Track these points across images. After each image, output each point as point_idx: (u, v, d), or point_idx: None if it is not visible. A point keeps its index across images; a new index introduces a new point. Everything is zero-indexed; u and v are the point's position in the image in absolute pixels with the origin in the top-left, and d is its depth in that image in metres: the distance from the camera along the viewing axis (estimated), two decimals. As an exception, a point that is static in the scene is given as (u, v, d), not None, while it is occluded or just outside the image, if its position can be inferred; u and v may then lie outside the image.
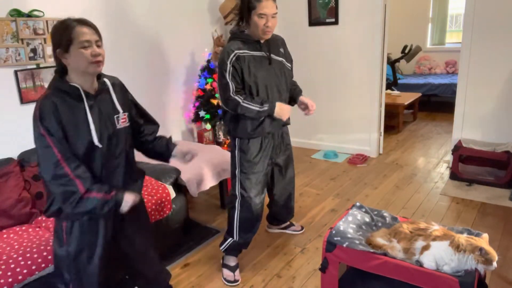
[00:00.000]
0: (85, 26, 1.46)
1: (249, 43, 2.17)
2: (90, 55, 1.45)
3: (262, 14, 2.07)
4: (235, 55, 2.11)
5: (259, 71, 2.17)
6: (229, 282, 2.35)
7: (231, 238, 2.39)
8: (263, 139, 2.30)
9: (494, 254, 1.47)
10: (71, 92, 1.48)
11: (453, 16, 7.09)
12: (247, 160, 2.28)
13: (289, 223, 2.87)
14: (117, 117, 1.60)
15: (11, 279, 1.80)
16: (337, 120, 4.51)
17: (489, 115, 3.57)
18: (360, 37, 4.10)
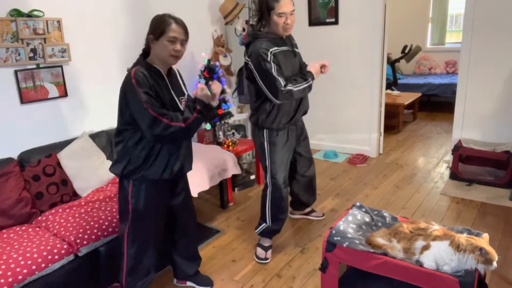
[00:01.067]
0: (179, 25, 1.79)
1: (274, 40, 2.32)
2: (172, 49, 1.78)
3: (281, 13, 2.23)
4: (271, 52, 2.26)
5: (290, 64, 2.37)
6: (260, 259, 2.55)
7: (265, 223, 2.56)
8: (289, 131, 2.48)
9: (494, 254, 1.47)
10: (154, 71, 1.81)
11: (453, 16, 7.09)
12: (276, 151, 2.44)
13: (311, 209, 3.02)
14: (181, 98, 1.92)
15: (11, 279, 1.80)
16: (337, 120, 4.51)
17: (489, 115, 3.57)
18: (360, 37, 4.10)
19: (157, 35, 1.77)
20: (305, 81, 2.33)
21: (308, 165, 2.76)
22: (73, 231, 2.13)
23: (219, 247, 2.74)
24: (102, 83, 3.16)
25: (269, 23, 2.29)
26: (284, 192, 2.53)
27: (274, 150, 2.44)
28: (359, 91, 4.26)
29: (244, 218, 3.14)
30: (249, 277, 2.41)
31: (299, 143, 2.65)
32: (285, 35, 2.35)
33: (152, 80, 1.77)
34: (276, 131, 2.42)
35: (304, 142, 2.70)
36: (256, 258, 2.57)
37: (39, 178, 2.45)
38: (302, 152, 2.69)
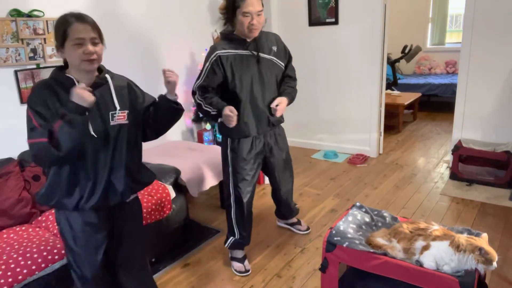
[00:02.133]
0: (82, 22, 1.47)
1: (235, 42, 2.19)
2: (82, 53, 1.44)
3: (246, 12, 2.08)
4: (216, 55, 2.15)
5: (244, 70, 2.19)
6: (241, 272, 2.42)
7: (232, 236, 2.47)
8: (254, 139, 2.32)
9: (494, 254, 1.47)
10: (65, 83, 1.48)
11: (453, 16, 7.09)
12: (238, 159, 2.32)
13: (296, 220, 2.90)
14: (113, 113, 1.56)
15: (11, 279, 1.80)
16: (337, 120, 4.51)
17: (489, 115, 3.57)
18: (360, 37, 4.10)
19: (60, 41, 1.45)
20: (215, 109, 2.17)
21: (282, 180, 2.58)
22: (73, 231, 2.12)
23: (219, 247, 2.74)
24: (102, 83, 3.15)
25: (235, 23, 2.16)
26: (248, 203, 2.41)
27: (236, 159, 2.32)
28: (359, 91, 4.26)
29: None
30: (249, 277, 2.41)
31: (272, 155, 2.46)
32: (251, 37, 2.19)
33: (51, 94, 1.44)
34: (238, 139, 2.29)
35: (280, 154, 2.49)
36: (236, 272, 2.43)
37: (39, 178, 2.45)
38: (275, 165, 2.50)
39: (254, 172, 2.39)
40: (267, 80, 2.27)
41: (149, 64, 3.54)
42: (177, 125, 3.89)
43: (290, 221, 2.89)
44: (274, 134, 2.44)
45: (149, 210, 2.39)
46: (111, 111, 1.56)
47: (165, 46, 3.67)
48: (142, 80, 3.48)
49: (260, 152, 2.38)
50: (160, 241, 2.59)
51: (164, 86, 1.68)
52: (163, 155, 3.15)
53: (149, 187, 2.51)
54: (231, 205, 2.41)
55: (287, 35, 4.50)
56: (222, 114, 2.15)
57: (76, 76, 1.50)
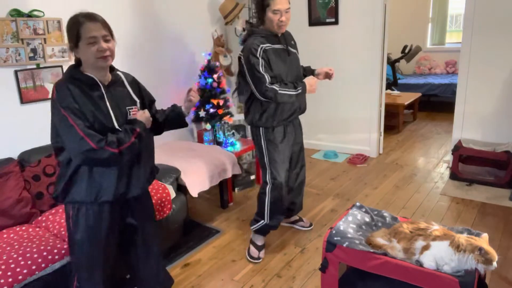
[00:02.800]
0: (93, 21, 1.52)
1: (268, 37, 2.32)
2: (96, 51, 1.51)
3: (276, 10, 2.23)
4: (262, 48, 2.26)
5: (281, 62, 2.34)
6: (253, 258, 2.55)
7: (263, 220, 2.54)
8: (285, 127, 2.47)
9: (494, 254, 1.47)
10: (85, 81, 1.55)
11: (453, 16, 7.09)
12: (274, 148, 2.44)
13: (298, 217, 2.94)
14: (130, 109, 1.66)
15: (11, 279, 1.80)
16: (337, 120, 4.51)
17: (489, 115, 3.57)
18: (360, 37, 4.10)
19: (75, 42, 1.51)
20: (294, 89, 2.31)
21: (299, 165, 2.71)
22: (73, 231, 2.13)
23: (219, 247, 2.74)
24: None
25: (265, 20, 2.30)
26: (285, 190, 2.52)
27: (272, 147, 2.43)
28: (359, 91, 4.26)
29: (244, 218, 3.14)
30: (249, 277, 2.41)
31: (295, 144, 2.62)
32: (280, 33, 2.35)
33: (79, 92, 1.51)
34: (272, 128, 2.42)
35: (300, 140, 2.67)
36: (249, 257, 2.56)
37: (39, 178, 2.45)
38: (296, 151, 2.66)
39: (289, 157, 2.53)
40: (296, 70, 2.46)
41: (149, 64, 3.54)
42: (177, 125, 3.90)
43: (292, 218, 2.92)
44: (299, 123, 2.63)
45: (149, 210, 2.39)
46: (128, 106, 1.66)
47: (165, 46, 3.67)
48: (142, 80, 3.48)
49: (291, 140, 2.53)
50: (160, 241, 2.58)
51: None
52: (163, 155, 3.15)
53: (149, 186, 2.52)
54: (265, 192, 2.50)
55: (287, 35, 4.51)
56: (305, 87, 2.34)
57: (92, 74, 1.57)
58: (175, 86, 3.82)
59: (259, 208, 2.56)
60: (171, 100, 3.77)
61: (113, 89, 1.63)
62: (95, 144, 1.47)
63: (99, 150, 1.47)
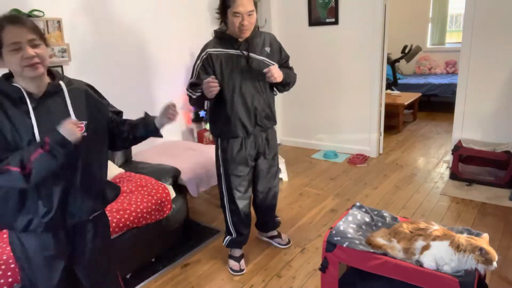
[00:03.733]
0: (17, 25, 1.29)
1: (226, 41, 2.17)
2: (21, 58, 1.28)
3: (237, 12, 2.05)
4: (207, 53, 2.16)
5: (233, 70, 2.17)
6: (235, 271, 2.45)
7: (229, 235, 2.49)
8: (244, 140, 2.29)
9: (494, 254, 1.47)
10: (11, 93, 1.33)
11: (453, 16, 7.10)
12: (229, 160, 2.30)
13: (276, 233, 2.76)
14: None
15: (11, 279, 1.80)
16: (337, 120, 4.51)
17: (489, 115, 3.57)
18: (360, 37, 4.10)
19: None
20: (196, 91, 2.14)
21: (267, 185, 2.49)
22: (73, 231, 2.12)
23: (219, 247, 2.74)
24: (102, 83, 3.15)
25: (226, 23, 2.14)
26: (243, 203, 2.39)
27: (225, 158, 2.29)
28: (359, 91, 4.26)
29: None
30: (249, 277, 2.41)
31: (262, 159, 2.40)
32: (242, 37, 2.15)
33: None
34: (227, 139, 2.27)
35: (267, 160, 2.43)
36: (231, 270, 2.45)
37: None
38: (263, 170, 2.43)
39: (247, 172, 2.35)
40: (257, 80, 2.23)
41: (149, 64, 3.54)
42: (177, 125, 3.90)
43: (269, 233, 2.76)
44: (267, 137, 2.38)
45: (149, 210, 2.39)
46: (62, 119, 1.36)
47: (165, 46, 3.67)
48: (142, 80, 3.49)
49: (251, 154, 2.33)
50: (160, 241, 2.59)
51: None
52: (163, 155, 3.15)
53: (149, 187, 2.52)
54: (225, 205, 2.43)
55: (287, 35, 4.51)
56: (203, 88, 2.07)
57: (24, 85, 1.34)
58: (175, 86, 3.82)
59: (225, 223, 2.49)
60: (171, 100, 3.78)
61: (50, 101, 1.38)
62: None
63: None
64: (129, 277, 2.41)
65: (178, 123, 3.90)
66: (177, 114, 1.61)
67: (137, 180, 2.61)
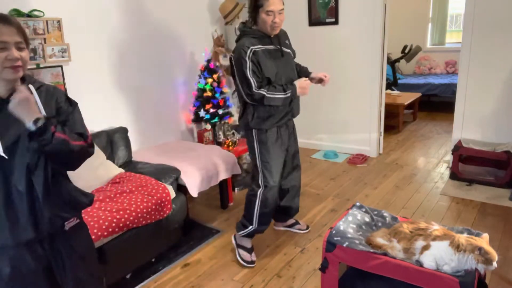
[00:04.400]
0: (6, 25, 1.27)
1: (261, 38, 2.28)
2: (5, 58, 1.25)
3: (269, 11, 2.19)
4: (251, 50, 2.23)
5: (274, 63, 2.30)
6: (247, 262, 2.48)
7: (251, 225, 2.49)
8: (279, 129, 2.42)
9: (494, 254, 1.47)
10: None
11: (453, 16, 7.09)
12: (267, 150, 2.39)
13: (294, 221, 2.89)
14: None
15: (11, 279, 1.79)
16: (337, 120, 4.51)
17: (489, 115, 3.57)
18: (360, 37, 4.10)
19: None
20: (283, 93, 2.26)
21: (294, 168, 2.66)
22: (73, 231, 2.12)
23: (219, 247, 2.74)
24: (102, 83, 3.16)
25: (258, 21, 2.27)
26: (276, 194, 2.49)
27: (265, 149, 2.39)
28: (359, 91, 4.26)
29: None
30: (249, 277, 2.41)
31: (290, 144, 2.57)
32: (273, 34, 2.31)
33: None
34: (265, 130, 2.38)
35: (295, 145, 2.62)
36: (242, 261, 2.49)
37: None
38: (291, 154, 2.60)
39: (282, 163, 2.48)
40: (291, 71, 2.42)
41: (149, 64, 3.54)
42: (177, 125, 3.90)
43: (288, 222, 2.88)
44: (293, 125, 2.57)
45: (149, 210, 2.39)
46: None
47: (165, 46, 3.67)
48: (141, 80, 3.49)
49: (285, 143, 2.48)
50: (160, 241, 2.59)
51: None
52: (163, 155, 3.16)
53: (149, 187, 2.52)
54: (256, 195, 2.45)
55: (287, 35, 4.51)
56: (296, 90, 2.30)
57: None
58: (175, 86, 3.82)
59: (247, 212, 2.51)
60: (170, 100, 3.78)
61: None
62: None
63: None
64: (129, 277, 2.41)
65: (178, 123, 3.90)
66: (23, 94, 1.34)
67: (137, 180, 2.61)
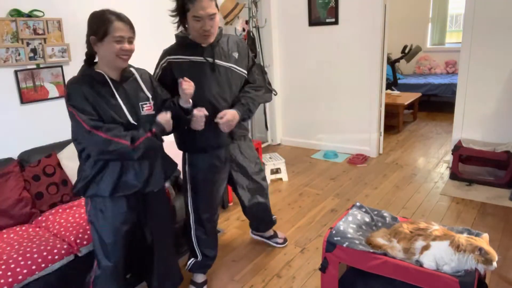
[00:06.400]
0: (122, 22, 1.59)
1: (189, 47, 1.95)
2: (120, 49, 1.58)
3: (197, 16, 1.82)
4: (166, 60, 1.96)
5: (198, 79, 1.92)
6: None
7: (194, 258, 2.26)
8: (213, 156, 2.08)
9: (494, 254, 1.47)
10: (95, 77, 1.60)
11: (453, 16, 7.09)
12: (196, 177, 2.11)
13: (273, 233, 2.70)
14: (143, 104, 1.71)
15: (11, 279, 1.80)
16: (337, 120, 4.51)
17: (489, 115, 3.57)
18: (360, 37, 4.10)
19: (101, 36, 1.56)
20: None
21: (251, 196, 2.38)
22: (73, 231, 2.13)
23: (219, 247, 2.72)
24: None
25: (186, 28, 1.93)
26: (211, 222, 2.21)
27: (195, 175, 2.09)
28: (359, 91, 4.26)
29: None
30: (249, 277, 2.41)
31: (238, 170, 2.27)
32: (205, 43, 1.94)
33: (89, 89, 1.56)
34: (196, 154, 2.08)
35: (242, 171, 2.28)
36: None
37: (39, 178, 2.45)
38: (240, 183, 2.32)
39: (217, 188, 2.17)
40: (222, 89, 2.00)
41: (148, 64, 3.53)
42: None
43: (266, 234, 2.69)
44: (239, 147, 2.23)
45: (149, 210, 2.39)
46: (141, 102, 1.71)
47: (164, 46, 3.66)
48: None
49: (222, 167, 2.14)
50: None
51: None
52: (163, 155, 3.15)
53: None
54: (190, 225, 2.21)
55: (287, 35, 4.51)
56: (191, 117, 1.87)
57: (104, 70, 1.63)
58: (175, 86, 3.82)
59: (187, 245, 2.26)
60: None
61: (125, 85, 1.68)
62: (104, 133, 1.53)
63: (111, 141, 1.54)
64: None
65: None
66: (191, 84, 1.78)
67: (137, 180, 2.60)
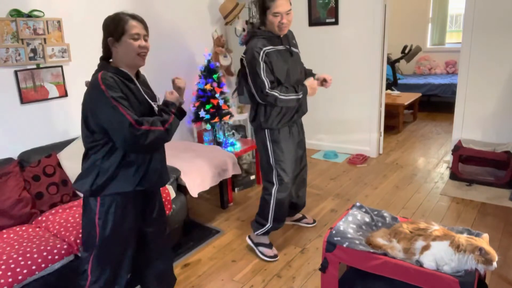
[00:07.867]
0: (137, 20, 1.66)
1: (271, 39, 2.33)
2: (138, 46, 1.62)
3: (276, 12, 2.23)
4: (264, 52, 2.27)
5: (285, 64, 2.35)
6: (270, 257, 2.55)
7: (268, 224, 2.54)
8: (290, 128, 2.49)
9: (494, 254, 1.47)
10: (121, 74, 1.63)
11: (453, 16, 7.09)
12: (280, 149, 2.44)
13: (301, 215, 2.96)
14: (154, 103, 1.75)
15: (11, 279, 1.80)
16: (337, 120, 4.51)
17: (489, 115, 3.57)
18: (360, 37, 4.10)
19: (118, 35, 1.61)
20: (295, 93, 2.33)
21: (302, 166, 2.73)
22: (73, 231, 2.13)
23: (219, 247, 2.74)
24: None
25: (266, 22, 2.31)
26: (290, 190, 2.54)
27: (278, 148, 2.44)
28: (359, 91, 4.26)
29: (244, 218, 3.14)
30: (249, 277, 2.41)
31: (300, 143, 2.65)
32: (281, 34, 2.35)
33: (122, 84, 1.60)
34: (277, 129, 2.44)
35: (302, 141, 2.70)
36: (265, 257, 2.55)
37: (39, 178, 2.45)
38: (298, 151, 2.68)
39: (295, 161, 2.56)
40: (299, 70, 2.48)
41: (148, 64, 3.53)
42: (177, 125, 3.90)
43: (296, 216, 2.95)
44: (301, 123, 2.66)
45: (149, 210, 2.39)
46: (153, 101, 1.75)
47: (165, 46, 3.67)
48: (142, 80, 3.49)
49: (295, 140, 2.55)
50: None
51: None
52: (163, 155, 3.15)
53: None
54: (271, 193, 2.49)
55: (287, 35, 4.51)
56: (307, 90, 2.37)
57: (125, 69, 1.66)
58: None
59: (262, 211, 2.55)
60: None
61: (141, 84, 1.73)
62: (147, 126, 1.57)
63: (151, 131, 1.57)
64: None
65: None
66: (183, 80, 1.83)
67: (137, 180, 2.61)
